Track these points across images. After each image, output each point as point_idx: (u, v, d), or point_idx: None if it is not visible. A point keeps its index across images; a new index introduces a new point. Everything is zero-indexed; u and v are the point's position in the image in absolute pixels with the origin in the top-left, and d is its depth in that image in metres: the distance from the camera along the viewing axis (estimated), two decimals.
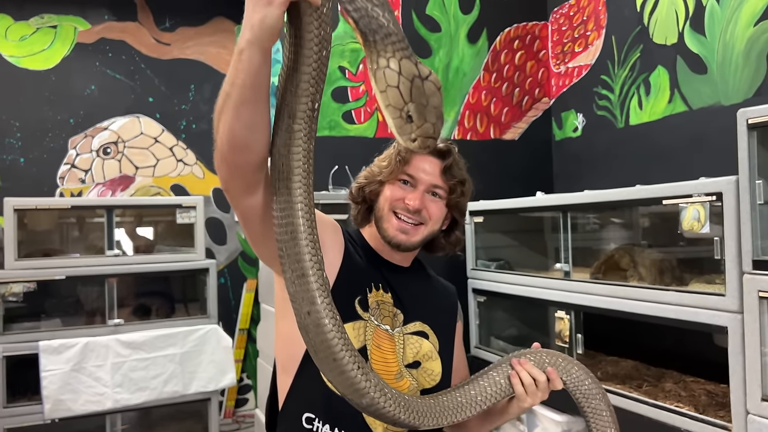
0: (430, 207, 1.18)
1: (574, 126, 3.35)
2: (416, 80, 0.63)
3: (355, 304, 1.12)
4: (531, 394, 1.06)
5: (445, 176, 1.20)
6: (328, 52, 0.82)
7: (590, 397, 1.08)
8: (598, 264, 2.44)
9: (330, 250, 1.12)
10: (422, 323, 1.20)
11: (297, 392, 1.10)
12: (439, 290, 1.31)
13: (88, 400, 3.05)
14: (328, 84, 3.08)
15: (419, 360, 1.16)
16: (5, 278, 3.03)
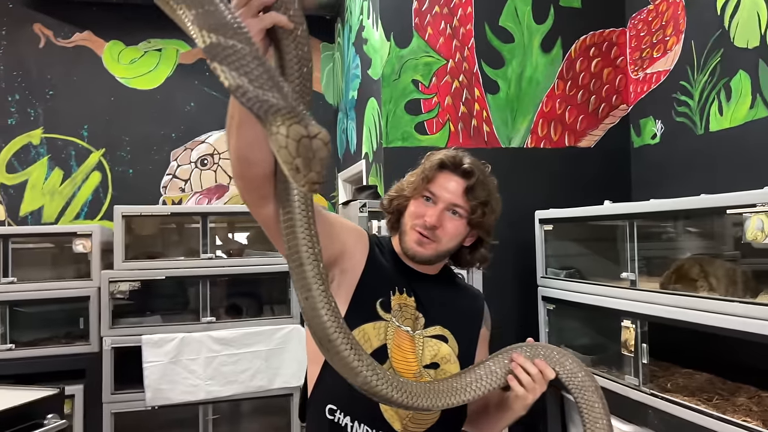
0: (446, 225, 1.24)
1: (653, 133, 3.28)
2: (304, 139, 0.74)
3: (377, 306, 1.21)
4: (531, 390, 1.12)
5: (466, 196, 1.25)
6: (309, 68, 0.93)
7: (583, 389, 1.12)
8: (668, 274, 2.41)
9: (354, 253, 1.22)
10: (442, 328, 1.26)
11: (322, 384, 1.21)
12: (465, 298, 1.37)
13: (184, 391, 3.33)
14: (402, 97, 3.21)
15: (437, 362, 1.23)
16: (114, 277, 3.39)
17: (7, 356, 3.36)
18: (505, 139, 3.36)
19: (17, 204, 4.04)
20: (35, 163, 4.08)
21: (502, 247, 3.19)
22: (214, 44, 0.74)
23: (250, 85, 0.73)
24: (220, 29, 0.74)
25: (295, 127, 0.73)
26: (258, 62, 0.74)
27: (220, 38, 0.74)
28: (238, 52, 0.74)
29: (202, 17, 0.75)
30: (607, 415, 1.12)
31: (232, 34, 0.75)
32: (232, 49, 0.73)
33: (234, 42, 0.74)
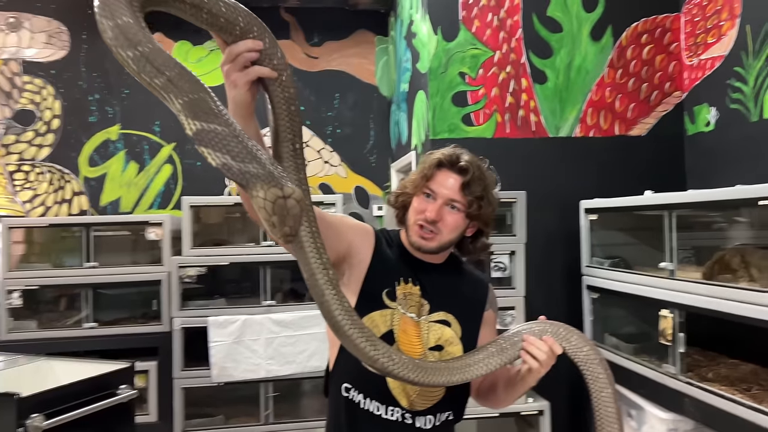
0: (446, 218, 1.35)
1: (707, 120, 3.22)
2: (279, 200, 0.87)
3: (383, 296, 1.33)
4: (543, 364, 1.23)
5: (463, 192, 1.34)
6: (296, 106, 1.07)
7: (588, 362, 1.21)
8: (710, 264, 2.40)
9: (360, 249, 1.35)
10: (446, 313, 1.37)
11: (339, 365, 1.35)
12: (469, 284, 1.46)
13: (246, 369, 3.57)
14: (449, 90, 3.29)
15: (442, 344, 1.35)
16: (183, 263, 3.66)
17: (91, 334, 3.71)
18: (553, 129, 3.38)
19: (98, 195, 4.40)
20: (113, 157, 4.42)
21: (549, 237, 3.26)
22: (199, 130, 0.86)
23: (233, 162, 0.86)
24: (202, 116, 0.87)
25: (272, 190, 0.87)
26: (237, 140, 0.87)
27: (203, 124, 0.86)
28: (219, 134, 0.86)
29: (187, 106, 0.87)
30: (611, 385, 1.21)
31: (213, 118, 0.87)
32: (214, 132, 0.86)
33: (215, 126, 0.86)
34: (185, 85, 0.89)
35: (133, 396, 2.26)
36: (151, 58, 0.86)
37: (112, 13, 0.85)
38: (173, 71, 0.88)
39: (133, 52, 0.86)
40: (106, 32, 0.85)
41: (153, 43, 0.87)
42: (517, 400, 2.86)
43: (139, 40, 0.86)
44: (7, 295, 3.57)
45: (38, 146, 4.34)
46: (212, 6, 0.96)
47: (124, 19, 0.85)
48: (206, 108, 0.88)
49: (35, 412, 1.89)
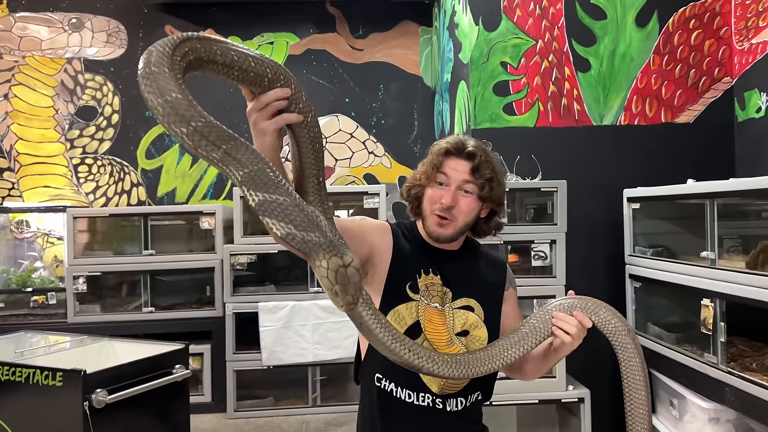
0: (461, 203, 1.40)
1: (758, 106, 3.14)
2: (340, 269, 0.90)
3: (407, 289, 1.39)
4: (575, 338, 1.28)
5: (473, 175, 1.40)
6: (320, 144, 1.14)
7: (617, 333, 1.26)
8: (754, 253, 2.37)
9: (380, 249, 1.40)
10: (468, 298, 1.43)
11: (370, 356, 1.42)
12: (487, 266, 1.51)
13: (294, 353, 3.71)
14: (490, 80, 3.31)
15: (467, 329, 1.41)
16: (234, 251, 3.82)
17: (149, 318, 3.92)
18: (597, 117, 3.36)
19: (155, 186, 4.62)
20: (168, 150, 4.63)
21: (593, 226, 3.26)
22: (262, 201, 0.89)
23: (296, 231, 0.89)
24: (263, 187, 0.89)
25: (334, 260, 0.91)
26: (299, 210, 0.89)
27: (265, 195, 0.89)
28: (281, 205, 0.89)
29: (248, 178, 0.90)
30: (639, 354, 1.27)
31: (274, 189, 0.90)
32: (276, 203, 0.89)
33: (276, 196, 0.89)
34: (242, 156, 0.90)
35: (187, 375, 2.41)
36: (206, 132, 0.88)
37: (160, 90, 0.86)
38: (229, 143, 0.90)
39: (186, 128, 0.87)
40: (157, 110, 0.87)
41: (205, 117, 0.89)
42: (558, 388, 2.89)
43: (191, 115, 0.87)
44: (73, 281, 3.81)
45: (99, 140, 4.59)
46: (242, 63, 1.00)
47: (173, 95, 0.86)
48: (266, 179, 0.90)
49: (99, 387, 2.05)
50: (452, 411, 1.41)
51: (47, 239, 4.40)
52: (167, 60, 0.89)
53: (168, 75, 0.87)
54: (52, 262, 4.38)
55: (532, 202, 3.30)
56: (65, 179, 4.55)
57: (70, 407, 2.02)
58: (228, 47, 1.00)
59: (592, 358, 3.14)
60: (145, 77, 0.87)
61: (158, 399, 2.33)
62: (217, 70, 0.99)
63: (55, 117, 4.54)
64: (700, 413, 2.45)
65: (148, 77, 0.87)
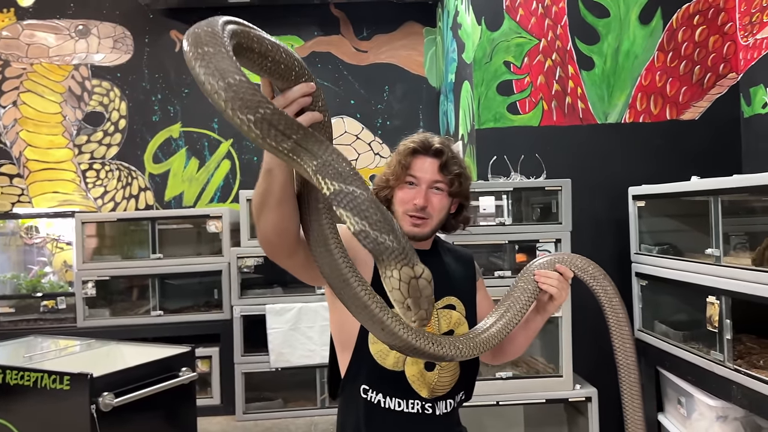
0: (433, 200, 1.41)
1: (764, 102, 3.12)
2: (412, 281, 0.85)
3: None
4: (562, 290, 1.33)
5: (442, 172, 1.41)
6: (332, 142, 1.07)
7: (595, 279, 1.35)
8: (759, 249, 2.35)
9: (364, 258, 1.36)
10: (449, 297, 1.44)
11: (354, 367, 1.38)
12: (457, 262, 1.53)
13: (302, 355, 3.72)
14: (494, 79, 3.31)
15: (452, 328, 1.42)
16: (241, 254, 3.83)
17: (158, 321, 3.95)
18: (602, 116, 3.35)
19: (162, 190, 4.65)
20: (175, 154, 4.66)
21: (598, 225, 3.25)
22: (337, 191, 0.84)
23: (370, 229, 0.84)
24: (339, 177, 0.85)
25: (405, 270, 0.86)
26: (375, 207, 0.85)
27: (341, 185, 0.84)
28: (357, 198, 0.84)
29: (323, 168, 0.85)
30: (617, 294, 1.37)
31: (351, 180, 0.85)
32: (353, 195, 0.84)
33: (353, 188, 0.85)
34: (314, 147, 0.85)
35: (193, 378, 2.43)
36: (275, 121, 0.81)
37: (220, 72, 0.76)
38: (299, 133, 0.84)
39: (254, 115, 0.78)
40: (218, 94, 0.76)
41: (272, 104, 0.82)
42: (565, 388, 2.89)
43: (258, 101, 0.78)
44: (82, 286, 3.84)
45: (107, 145, 4.63)
46: (275, 54, 0.94)
47: (237, 78, 0.77)
48: (342, 170, 0.86)
49: (106, 390, 2.07)
50: (441, 414, 1.41)
51: (56, 244, 4.44)
52: (220, 39, 0.80)
53: (226, 55, 0.78)
54: (62, 267, 4.42)
55: (537, 201, 3.30)
56: (74, 185, 4.59)
57: (77, 410, 2.05)
58: (262, 35, 0.93)
59: (600, 358, 3.13)
60: (199, 58, 0.77)
61: (165, 402, 2.35)
62: (252, 59, 0.91)
63: (63, 123, 4.59)
64: (707, 411, 2.44)
65: (203, 58, 0.77)
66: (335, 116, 4.70)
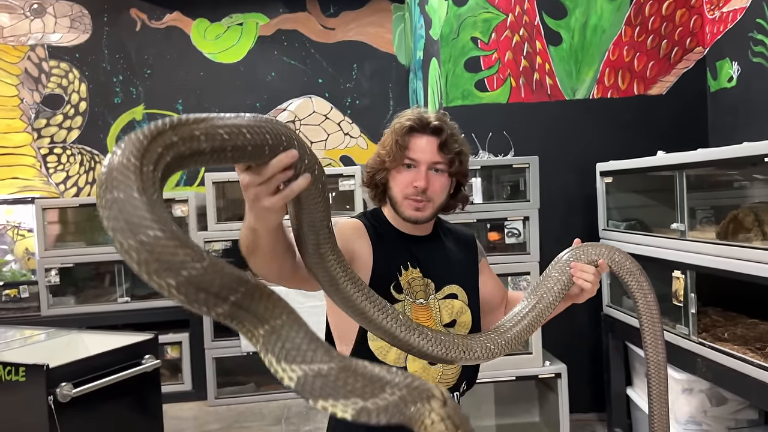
0: (434, 183, 1.31)
1: (729, 75, 3.12)
2: (442, 413, 0.67)
3: (391, 291, 1.30)
4: (594, 284, 1.27)
5: (442, 152, 1.30)
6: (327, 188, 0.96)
7: (631, 274, 1.30)
8: (724, 223, 2.36)
9: (361, 253, 1.30)
10: (450, 285, 1.37)
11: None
12: (458, 245, 1.46)
13: None
14: (461, 56, 3.27)
15: (455, 318, 1.36)
16: (209, 238, 3.77)
17: (125, 308, 3.88)
18: (570, 92, 3.32)
19: None
20: None
21: (567, 201, 3.24)
22: (302, 378, 0.65)
23: (366, 403, 0.65)
24: (299, 355, 0.65)
25: (434, 412, 0.67)
26: (347, 372, 0.65)
27: (305, 367, 0.65)
28: (328, 376, 0.65)
29: (271, 341, 0.67)
30: (652, 291, 1.32)
31: (312, 354, 0.65)
32: (321, 375, 0.64)
33: (319, 366, 0.65)
34: (258, 307, 0.66)
35: (157, 365, 2.37)
36: (205, 283, 0.63)
37: (130, 226, 0.60)
38: (238, 293, 0.65)
39: (176, 278, 0.62)
40: (130, 254, 0.61)
41: (201, 256, 0.63)
42: (535, 364, 2.90)
43: (181, 261, 0.61)
44: (45, 273, 3.75)
45: (68, 129, 4.49)
46: (235, 140, 0.74)
47: (151, 233, 0.60)
48: (300, 339, 0.66)
49: (64, 381, 2.01)
50: None
51: (17, 232, 4.32)
52: (135, 174, 0.63)
53: (139, 200, 0.62)
54: (23, 255, 4.31)
55: (506, 179, 3.28)
56: (34, 170, 4.46)
57: (34, 402, 1.98)
58: (213, 125, 0.73)
59: (568, 334, 3.15)
60: (107, 207, 0.61)
61: (129, 390, 2.29)
62: (205, 160, 0.74)
63: (20, 106, 4.43)
64: (674, 384, 2.46)
65: (111, 207, 0.61)
66: (303, 95, 4.61)
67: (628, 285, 1.32)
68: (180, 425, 3.54)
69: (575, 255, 1.30)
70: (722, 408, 2.45)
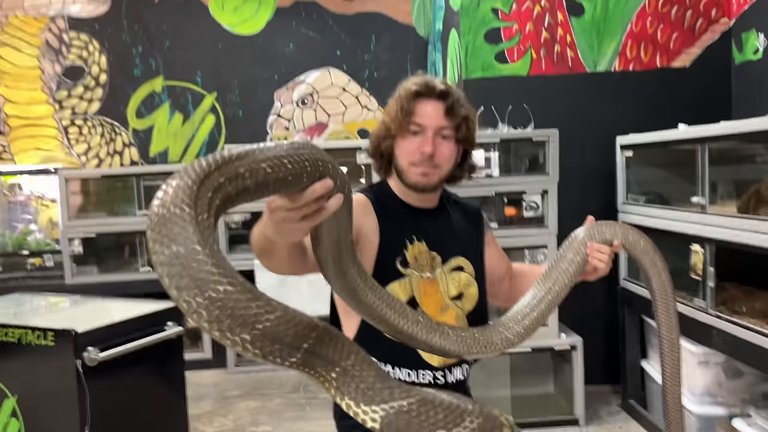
0: (441, 149, 1.29)
1: (755, 48, 3.06)
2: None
3: (397, 266, 1.30)
4: (607, 264, 1.25)
5: (448, 116, 1.27)
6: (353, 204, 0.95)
7: (645, 253, 1.29)
8: (745, 198, 2.35)
9: (367, 230, 1.29)
10: (456, 258, 1.37)
11: (361, 337, 1.29)
12: (465, 218, 1.45)
13: None
14: (481, 27, 3.23)
15: (462, 291, 1.36)
16: (229, 210, 3.80)
17: (146, 278, 3.95)
18: (591, 64, 3.28)
19: (147, 146, 4.58)
20: (158, 109, 4.57)
21: (587, 175, 3.23)
22: (385, 419, 0.63)
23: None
24: (377, 395, 0.64)
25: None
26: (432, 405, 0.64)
27: (385, 407, 0.63)
28: (411, 412, 0.63)
29: (347, 385, 0.65)
30: (666, 269, 1.31)
31: (389, 393, 0.64)
32: (402, 412, 0.63)
33: (399, 402, 0.64)
34: (329, 350, 0.65)
35: (180, 333, 2.42)
36: (280, 334, 0.61)
37: (197, 285, 0.57)
38: (310, 339, 0.64)
39: (250, 333, 0.59)
40: (199, 313, 0.58)
41: (271, 307, 0.61)
42: (550, 336, 2.92)
43: (254, 314, 0.59)
44: (69, 243, 3.82)
45: (88, 101, 4.53)
46: (277, 173, 0.72)
47: (221, 288, 0.58)
48: (373, 378, 0.65)
49: (91, 345, 2.07)
50: (453, 382, 1.35)
51: (41, 202, 4.40)
52: (192, 226, 0.59)
53: (201, 253, 0.58)
54: (47, 225, 4.39)
55: (525, 152, 3.27)
56: (56, 141, 4.52)
57: (63, 366, 2.04)
58: (255, 159, 0.70)
59: (584, 307, 3.16)
60: (166, 264, 0.58)
61: (153, 356, 2.35)
62: (249, 196, 0.71)
63: (41, 78, 4.48)
64: (689, 357, 2.47)
65: (171, 263, 0.57)
66: (320, 68, 4.60)
67: (643, 264, 1.31)
68: (201, 391, 3.63)
69: (589, 234, 1.29)
70: (737, 381, 2.47)
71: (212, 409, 3.43)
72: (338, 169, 0.83)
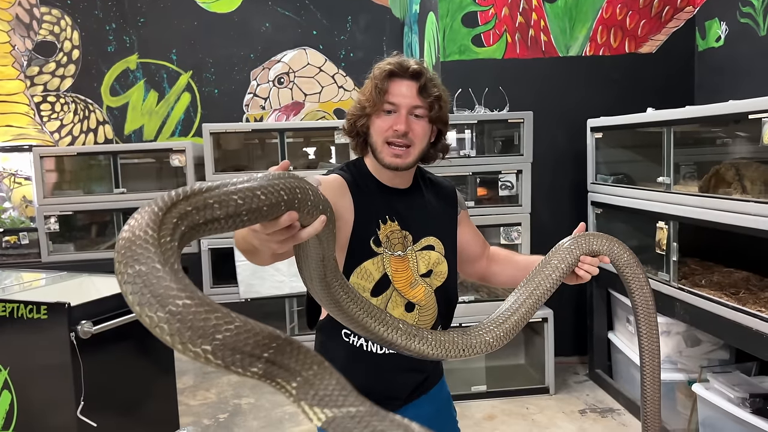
0: (414, 128, 1.33)
1: (717, 35, 3.22)
2: None
3: (371, 244, 1.35)
4: (591, 274, 1.31)
5: (422, 95, 1.32)
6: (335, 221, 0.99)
7: (628, 265, 1.35)
8: (706, 177, 2.51)
9: (342, 211, 1.31)
10: (427, 237, 1.42)
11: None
12: (438, 198, 1.50)
13: (271, 286, 3.80)
14: (459, 10, 3.32)
15: (431, 268, 1.42)
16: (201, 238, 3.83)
17: None
18: (563, 48, 3.41)
19: (122, 124, 4.55)
20: (134, 87, 4.54)
21: (558, 156, 3.37)
22: (331, 420, 0.66)
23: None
24: (328, 400, 0.66)
25: None
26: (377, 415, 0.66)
27: (335, 411, 0.66)
28: (362, 419, 0.66)
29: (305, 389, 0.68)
30: (648, 283, 1.38)
31: (343, 398, 0.67)
32: (349, 417, 0.66)
33: (348, 408, 0.66)
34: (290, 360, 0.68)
35: None
36: (240, 344, 0.64)
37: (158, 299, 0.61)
38: (271, 349, 0.66)
39: (210, 344, 0.62)
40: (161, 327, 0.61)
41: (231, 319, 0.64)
42: None
43: (213, 325, 0.62)
44: (44, 221, 3.81)
45: (61, 77, 4.47)
46: (250, 204, 0.74)
47: (180, 302, 0.61)
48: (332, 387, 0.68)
49: (84, 319, 2.11)
50: None
51: (14, 179, 4.35)
52: (154, 247, 0.64)
53: (162, 271, 0.62)
54: (21, 203, 4.35)
55: (500, 134, 3.38)
56: (27, 118, 4.45)
57: (57, 339, 2.09)
58: (226, 191, 0.73)
59: None
60: (130, 282, 0.62)
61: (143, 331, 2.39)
62: (220, 226, 0.74)
63: (12, 53, 4.39)
64: None
65: (134, 282, 0.62)
66: (297, 47, 4.62)
67: (626, 276, 1.36)
68: (182, 366, 3.69)
69: (576, 244, 1.33)
70: (696, 348, 2.65)
71: (195, 384, 3.50)
72: (319, 195, 0.86)
